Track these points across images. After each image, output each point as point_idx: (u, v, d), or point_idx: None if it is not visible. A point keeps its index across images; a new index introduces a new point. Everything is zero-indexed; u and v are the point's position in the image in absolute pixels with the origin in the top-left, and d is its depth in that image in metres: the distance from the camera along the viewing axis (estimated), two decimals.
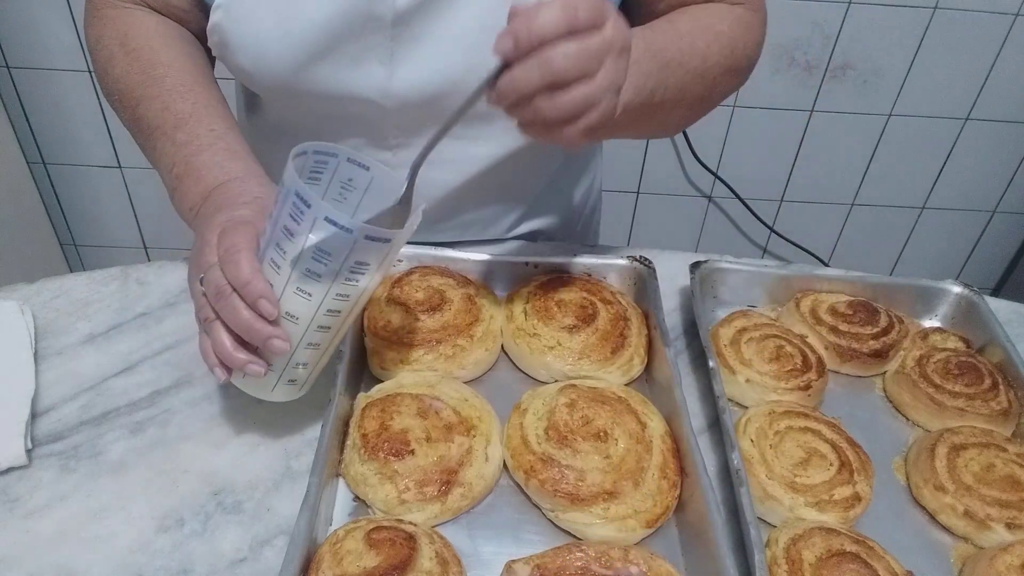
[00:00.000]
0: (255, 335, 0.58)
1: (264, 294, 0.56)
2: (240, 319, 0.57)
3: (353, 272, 0.56)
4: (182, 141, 0.70)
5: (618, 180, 1.93)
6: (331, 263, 0.55)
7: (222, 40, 0.73)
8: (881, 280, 0.85)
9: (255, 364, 0.59)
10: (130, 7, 0.77)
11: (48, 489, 0.63)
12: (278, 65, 0.72)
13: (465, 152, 0.82)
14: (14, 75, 1.73)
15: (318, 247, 0.54)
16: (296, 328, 0.59)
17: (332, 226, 0.53)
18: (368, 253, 0.55)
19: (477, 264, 0.83)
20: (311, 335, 0.60)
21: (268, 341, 0.57)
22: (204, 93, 0.73)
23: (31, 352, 0.72)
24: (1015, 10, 1.68)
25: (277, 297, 0.57)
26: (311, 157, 0.59)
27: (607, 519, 0.61)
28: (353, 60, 0.72)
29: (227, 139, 0.70)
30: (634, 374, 0.75)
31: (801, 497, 0.63)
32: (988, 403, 0.73)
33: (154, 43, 0.75)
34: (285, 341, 0.58)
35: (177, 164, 0.70)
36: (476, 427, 0.66)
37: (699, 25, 0.73)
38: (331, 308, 0.58)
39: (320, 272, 0.56)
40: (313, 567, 0.55)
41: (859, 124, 1.85)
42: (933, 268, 2.11)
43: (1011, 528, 0.63)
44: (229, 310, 0.57)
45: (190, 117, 0.71)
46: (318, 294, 0.57)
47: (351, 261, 0.55)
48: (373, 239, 0.54)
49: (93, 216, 2.00)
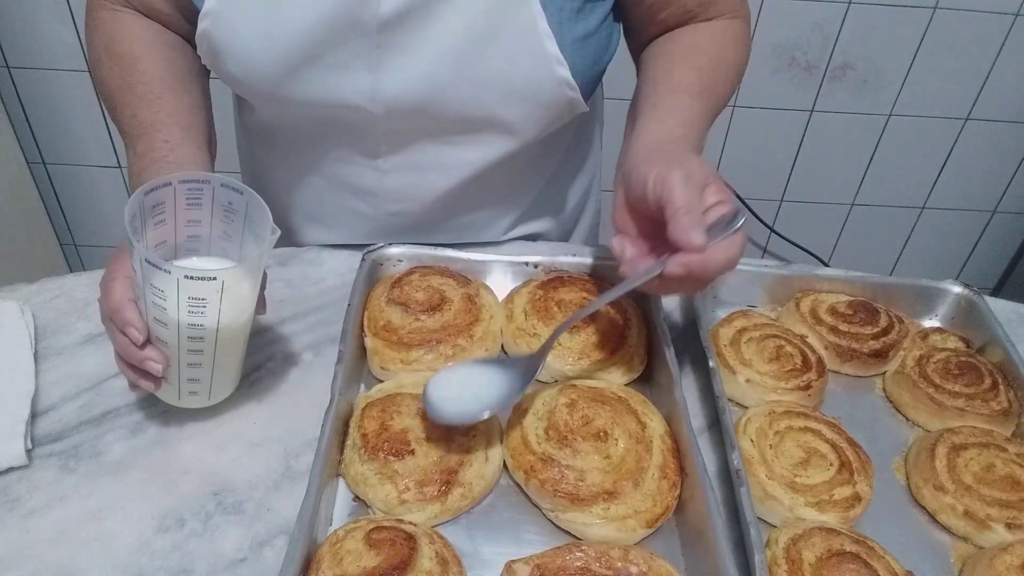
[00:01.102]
0: (130, 358, 0.62)
1: (130, 322, 0.60)
2: (118, 343, 0.62)
3: (193, 307, 0.58)
4: (140, 151, 0.71)
5: None
6: (168, 299, 0.58)
7: (210, 48, 0.74)
8: (881, 280, 0.85)
9: (144, 380, 0.63)
10: (120, 9, 0.77)
11: (48, 489, 0.63)
12: (265, 72, 0.73)
13: (458, 157, 0.82)
14: (14, 75, 1.73)
15: (152, 285, 0.57)
16: (170, 350, 0.62)
17: (155, 269, 0.56)
18: (198, 290, 0.57)
19: (477, 264, 0.83)
20: (188, 357, 0.62)
21: (143, 363, 0.61)
22: (172, 101, 0.74)
23: (31, 352, 0.72)
24: (1015, 10, 1.68)
25: (144, 324, 0.60)
26: (178, 187, 0.61)
27: (607, 519, 0.61)
28: (340, 67, 0.72)
29: (179, 151, 0.71)
30: (634, 374, 0.75)
31: (801, 497, 0.63)
32: (988, 403, 0.73)
33: (136, 49, 0.76)
34: (158, 363, 0.61)
35: (133, 175, 0.71)
36: (476, 427, 0.66)
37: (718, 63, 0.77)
38: (192, 335, 0.61)
39: (164, 305, 0.58)
40: (313, 567, 0.55)
41: (859, 124, 1.85)
42: (933, 268, 2.11)
43: (1011, 528, 0.63)
44: (110, 334, 0.63)
45: (151, 127, 0.72)
46: (171, 323, 0.59)
47: (184, 297, 0.57)
48: (193, 279, 0.57)
49: (93, 216, 2.00)
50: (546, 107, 0.76)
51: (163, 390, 0.65)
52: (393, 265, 0.82)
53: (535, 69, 0.73)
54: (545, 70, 0.73)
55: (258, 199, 0.61)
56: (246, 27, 0.71)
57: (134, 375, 0.63)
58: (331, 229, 0.91)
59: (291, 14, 0.69)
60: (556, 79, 0.73)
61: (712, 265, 0.59)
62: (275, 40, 0.71)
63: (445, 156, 0.81)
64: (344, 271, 0.85)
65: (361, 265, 0.79)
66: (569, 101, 0.76)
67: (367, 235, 0.88)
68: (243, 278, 0.61)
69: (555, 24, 0.71)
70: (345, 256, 0.87)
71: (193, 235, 0.64)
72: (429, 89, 0.73)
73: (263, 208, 0.60)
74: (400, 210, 0.87)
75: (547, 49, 0.71)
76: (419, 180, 0.84)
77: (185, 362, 0.62)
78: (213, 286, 0.57)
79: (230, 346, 0.64)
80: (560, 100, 0.76)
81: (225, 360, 0.64)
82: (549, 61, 0.72)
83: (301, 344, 0.77)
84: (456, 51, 0.71)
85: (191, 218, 0.63)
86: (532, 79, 0.73)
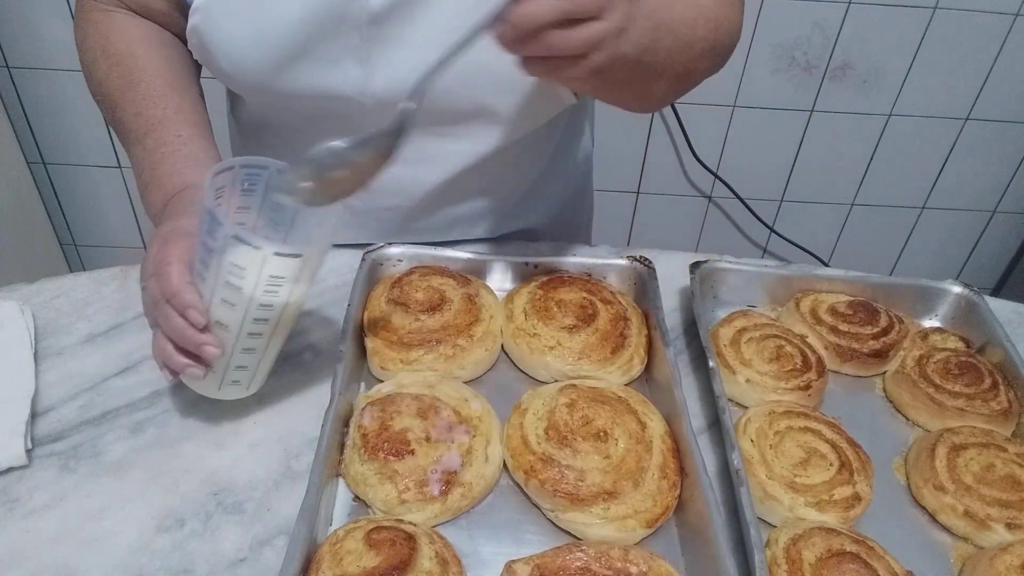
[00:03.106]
0: (187, 342, 0.61)
1: (191, 304, 0.59)
2: (174, 327, 0.60)
3: (270, 285, 0.59)
4: (150, 147, 0.71)
5: (618, 180, 1.93)
6: (247, 277, 0.58)
7: (201, 43, 0.74)
8: (881, 280, 0.85)
9: (193, 368, 0.62)
10: (113, 10, 0.78)
11: (48, 489, 0.63)
12: (255, 66, 0.73)
13: (450, 149, 0.82)
14: (14, 75, 1.73)
15: (232, 263, 0.57)
16: (228, 335, 0.61)
17: (242, 244, 0.56)
18: (280, 268, 0.58)
19: (477, 264, 0.83)
20: (244, 341, 0.62)
21: (200, 348, 0.61)
22: (176, 98, 0.74)
23: (31, 352, 0.72)
24: (1015, 10, 1.68)
25: (206, 306, 0.60)
26: (239, 172, 0.61)
27: (607, 519, 0.61)
28: (330, 60, 0.73)
29: (192, 145, 0.71)
30: (634, 374, 0.75)
31: (801, 497, 0.63)
32: (988, 403, 0.73)
33: (134, 48, 0.76)
34: (217, 347, 0.61)
35: (145, 170, 0.72)
36: (476, 427, 0.66)
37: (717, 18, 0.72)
38: (257, 317, 0.61)
39: (239, 285, 0.58)
40: (313, 567, 0.55)
41: (859, 124, 1.85)
42: (933, 268, 2.11)
43: (1011, 528, 0.63)
44: (163, 319, 0.61)
45: (159, 123, 0.72)
46: (241, 304, 0.59)
47: (265, 275, 0.58)
48: (282, 255, 0.57)
49: (93, 216, 2.00)
50: (534, 98, 0.77)
51: (204, 380, 0.64)
52: (393, 265, 0.82)
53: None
54: None
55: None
56: (236, 22, 0.71)
57: (183, 361, 0.62)
58: None
59: (281, 9, 0.70)
60: None
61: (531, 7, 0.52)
62: (265, 34, 0.71)
63: (435, 149, 0.81)
64: (344, 271, 0.85)
65: (361, 265, 0.79)
66: (557, 92, 0.77)
67: (359, 230, 0.88)
68: (317, 261, 0.61)
69: None
70: (345, 256, 0.87)
71: (240, 222, 0.64)
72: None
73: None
74: (392, 204, 0.87)
75: None
76: (410, 174, 0.84)
77: (240, 347, 0.62)
78: (295, 264, 0.58)
79: (284, 331, 0.64)
80: (548, 92, 0.76)
81: (275, 346, 0.65)
82: None
83: (301, 344, 0.77)
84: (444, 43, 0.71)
85: (241, 204, 0.63)
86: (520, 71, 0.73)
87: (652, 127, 1.84)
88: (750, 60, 1.74)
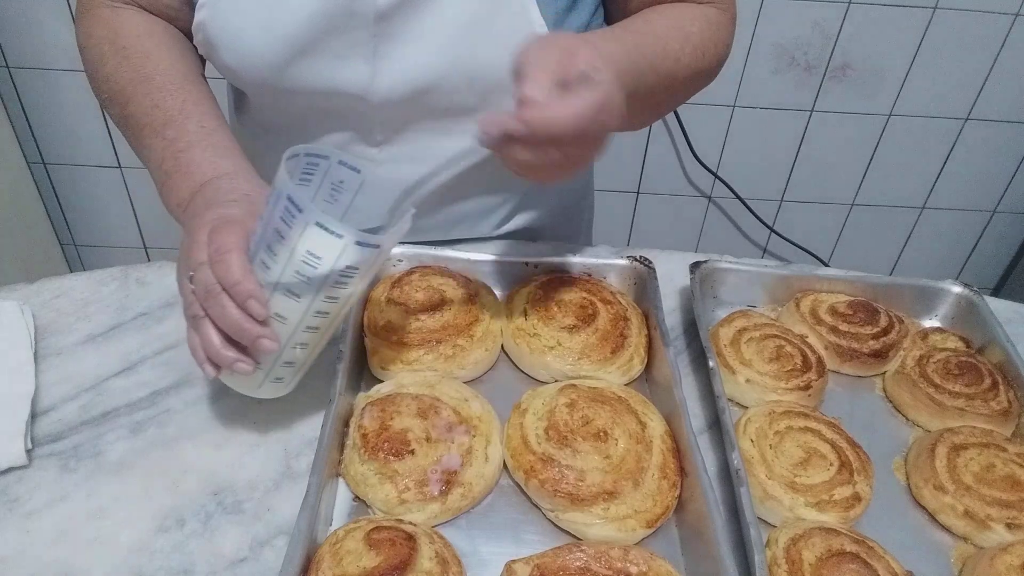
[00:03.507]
0: (244, 335, 0.58)
1: (254, 294, 0.56)
2: (229, 318, 0.57)
3: (343, 276, 0.57)
4: (171, 137, 0.70)
5: (618, 180, 1.93)
6: (320, 267, 0.55)
7: (207, 38, 0.74)
8: (881, 280, 0.85)
9: (243, 363, 0.60)
10: (120, 6, 0.77)
11: (48, 489, 0.63)
12: (262, 62, 0.73)
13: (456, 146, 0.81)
14: (14, 75, 1.73)
15: (308, 251, 0.55)
16: (285, 328, 0.59)
17: (323, 231, 0.53)
18: (357, 258, 0.56)
19: (477, 264, 0.83)
20: (300, 335, 0.60)
21: (257, 341, 0.58)
22: (193, 90, 0.74)
23: (31, 352, 0.72)
24: (1015, 10, 1.68)
25: (266, 298, 0.57)
26: (303, 159, 0.59)
27: (607, 519, 0.61)
28: (337, 57, 0.72)
29: (216, 135, 0.70)
30: (634, 374, 0.75)
31: (801, 497, 0.63)
32: (988, 403, 0.73)
33: (144, 42, 0.75)
34: (274, 341, 0.58)
35: (167, 160, 0.69)
36: (476, 427, 0.66)
37: (672, 25, 0.72)
38: (319, 310, 0.59)
39: (309, 275, 0.56)
40: (313, 567, 0.55)
41: (859, 124, 1.85)
42: (933, 268, 2.11)
43: (1011, 528, 0.63)
44: (218, 309, 0.58)
45: (179, 114, 0.71)
46: (307, 296, 0.57)
47: (340, 265, 0.55)
48: (363, 244, 0.55)
49: (93, 216, 2.00)
50: None
51: (246, 376, 0.62)
52: (393, 265, 0.82)
53: None
54: None
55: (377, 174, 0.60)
56: (243, 17, 0.71)
57: (234, 356, 0.59)
58: None
59: (289, 4, 0.69)
60: None
61: (556, 120, 0.52)
62: (273, 30, 0.71)
63: (441, 146, 0.81)
64: None
65: None
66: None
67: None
68: (387, 254, 0.59)
69: (549, 15, 0.72)
70: None
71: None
72: (425, 77, 0.73)
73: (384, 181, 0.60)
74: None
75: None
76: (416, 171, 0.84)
77: (295, 341, 0.60)
78: (372, 255, 0.56)
79: (335, 327, 0.63)
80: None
81: (323, 342, 0.63)
82: None
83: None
84: (451, 40, 0.72)
85: None
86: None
87: (652, 127, 1.84)
88: (750, 60, 1.74)
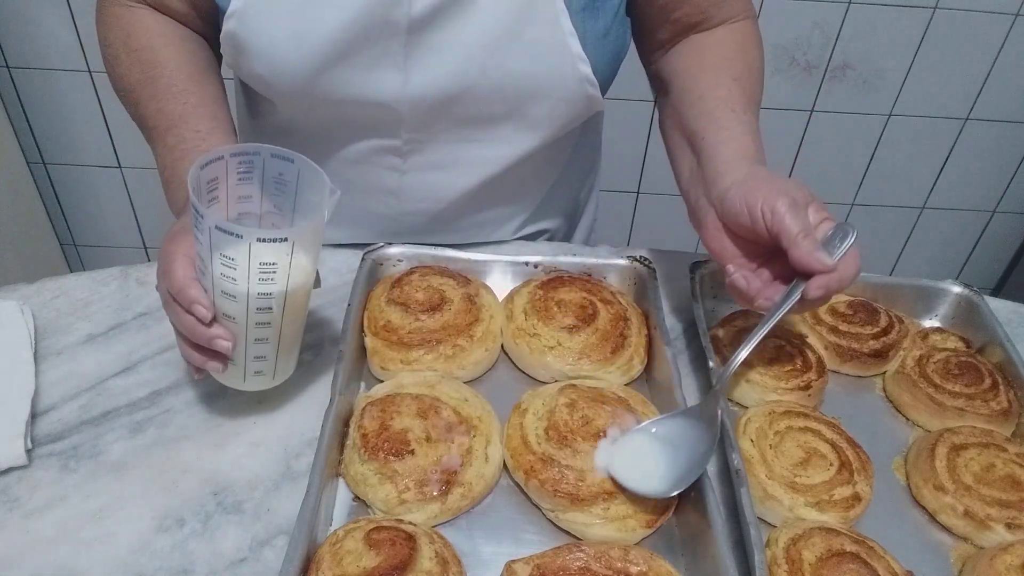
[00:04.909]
0: (198, 338, 0.61)
1: (196, 299, 0.59)
2: (183, 324, 0.61)
3: (264, 272, 0.58)
4: (171, 144, 0.71)
5: (618, 180, 1.93)
6: (239, 267, 0.57)
7: (236, 48, 0.74)
8: (881, 280, 0.85)
9: (212, 361, 0.63)
10: (135, 6, 0.78)
11: (48, 489, 0.63)
12: (294, 71, 0.73)
13: (481, 154, 0.82)
14: (14, 75, 1.73)
15: (222, 254, 0.57)
16: (237, 327, 0.61)
17: (225, 234, 0.55)
18: (270, 253, 0.57)
19: (477, 264, 0.83)
20: (254, 331, 0.62)
21: (212, 342, 0.61)
22: (197, 92, 0.74)
23: (31, 352, 0.72)
24: (1015, 10, 1.68)
25: (210, 301, 0.60)
26: (230, 160, 0.60)
27: (607, 519, 0.61)
28: (368, 66, 0.73)
29: (211, 140, 0.71)
30: (634, 374, 0.75)
31: (801, 497, 0.63)
32: (988, 403, 0.73)
33: (155, 42, 0.76)
34: (228, 340, 0.61)
35: (166, 168, 0.72)
36: (476, 427, 0.66)
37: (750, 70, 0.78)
38: (260, 306, 0.60)
39: (233, 276, 0.58)
40: (313, 567, 0.55)
41: (859, 124, 1.85)
42: (933, 268, 2.11)
43: (1011, 528, 0.63)
44: (173, 316, 0.62)
45: (179, 119, 0.72)
46: (240, 295, 0.59)
47: (255, 263, 0.57)
48: (266, 241, 0.56)
49: (93, 216, 2.00)
50: (568, 104, 0.77)
51: (228, 373, 0.65)
52: (393, 265, 0.82)
53: (559, 67, 0.74)
54: (569, 67, 0.74)
55: (310, 163, 0.61)
56: (276, 27, 0.71)
57: (201, 357, 0.63)
58: (342, 228, 0.90)
59: (323, 14, 0.69)
60: (578, 76, 0.75)
61: (846, 279, 0.63)
62: (305, 40, 0.71)
63: (466, 154, 0.82)
64: (344, 271, 0.85)
65: (361, 265, 0.79)
66: (589, 98, 0.77)
67: (379, 235, 0.88)
68: (309, 240, 0.60)
69: (577, 22, 0.72)
70: (345, 256, 0.87)
71: (244, 212, 0.64)
72: (456, 86, 0.74)
73: (317, 172, 0.61)
74: (419, 209, 0.88)
75: (570, 47, 0.73)
76: (441, 179, 0.84)
77: (252, 338, 0.62)
78: (283, 248, 0.57)
79: (295, 318, 0.64)
80: (581, 97, 0.77)
81: (289, 333, 0.65)
82: (572, 59, 0.73)
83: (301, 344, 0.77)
84: (483, 49, 0.72)
85: (242, 194, 0.63)
86: (555, 76, 0.74)
87: (652, 127, 1.84)
88: None
